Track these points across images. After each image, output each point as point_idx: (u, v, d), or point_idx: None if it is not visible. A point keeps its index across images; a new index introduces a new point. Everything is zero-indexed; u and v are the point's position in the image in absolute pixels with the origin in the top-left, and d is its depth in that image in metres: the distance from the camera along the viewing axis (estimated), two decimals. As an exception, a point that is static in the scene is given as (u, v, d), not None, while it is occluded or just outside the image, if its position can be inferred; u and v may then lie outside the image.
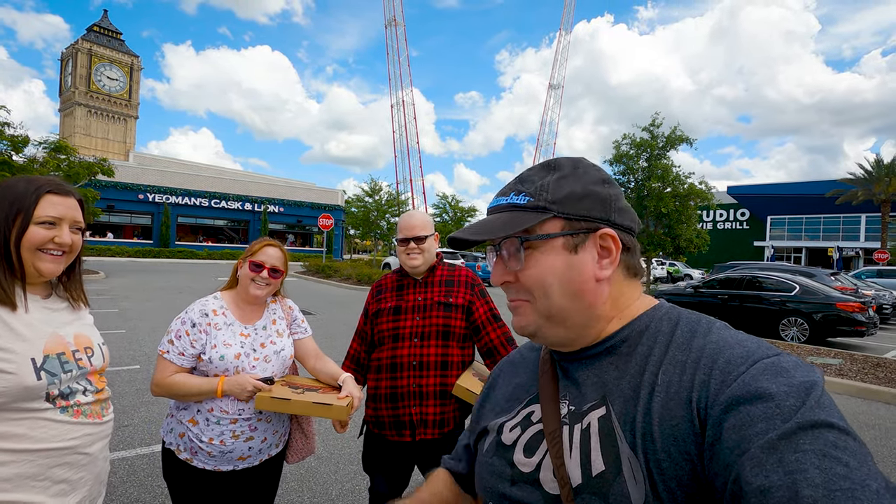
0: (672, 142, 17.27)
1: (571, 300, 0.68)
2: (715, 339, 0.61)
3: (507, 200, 0.71)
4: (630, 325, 0.69)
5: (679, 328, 0.65)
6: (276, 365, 1.82)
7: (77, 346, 1.26)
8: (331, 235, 37.02)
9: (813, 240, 40.43)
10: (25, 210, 1.17)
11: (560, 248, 0.68)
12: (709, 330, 0.63)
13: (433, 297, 2.04)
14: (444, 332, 2.01)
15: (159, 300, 11.91)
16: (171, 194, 35.25)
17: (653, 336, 0.66)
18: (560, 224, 0.68)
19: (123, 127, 65.32)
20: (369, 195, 36.31)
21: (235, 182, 39.73)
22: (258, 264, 1.80)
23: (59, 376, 1.17)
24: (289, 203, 40.94)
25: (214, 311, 1.78)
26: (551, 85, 51.36)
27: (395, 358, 2.01)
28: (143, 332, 8.00)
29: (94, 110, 62.00)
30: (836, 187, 32.65)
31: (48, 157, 17.53)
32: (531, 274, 0.68)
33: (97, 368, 1.31)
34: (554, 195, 0.68)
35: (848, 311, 9.36)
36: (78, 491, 1.20)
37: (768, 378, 0.52)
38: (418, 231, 2.03)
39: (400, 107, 45.95)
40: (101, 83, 62.55)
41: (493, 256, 0.73)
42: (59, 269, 1.23)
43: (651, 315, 0.69)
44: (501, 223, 0.69)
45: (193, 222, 37.88)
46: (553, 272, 0.67)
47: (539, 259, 0.68)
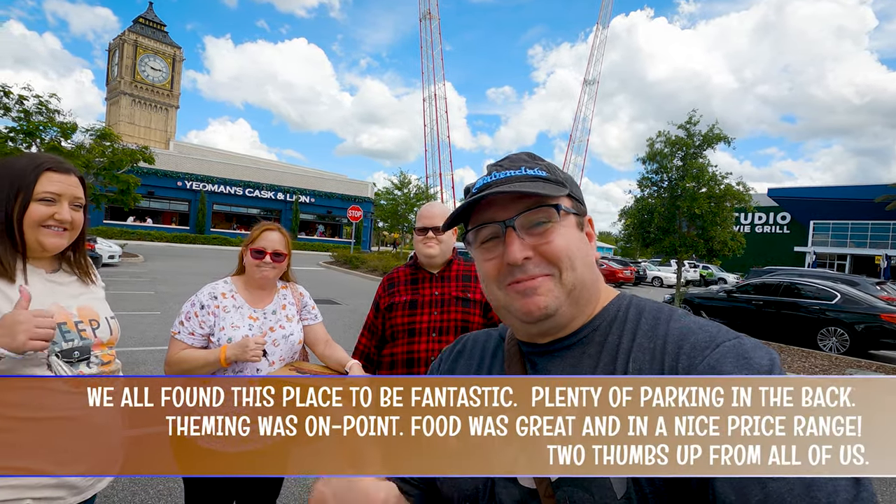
0: (709, 140, 16.68)
1: (591, 272, 0.69)
2: (678, 325, 0.63)
3: (527, 172, 0.69)
4: (601, 315, 0.70)
5: (643, 316, 0.66)
6: (284, 349, 1.84)
7: (81, 317, 1.29)
8: (359, 227, 37.52)
9: (859, 247, 38.44)
10: (26, 187, 1.20)
11: (574, 225, 0.70)
12: (670, 317, 0.65)
13: (451, 292, 2.03)
14: (462, 328, 1.99)
15: (193, 284, 12.24)
16: (208, 182, 36.36)
17: (620, 325, 0.67)
18: (570, 203, 0.70)
19: (165, 116, 67.72)
20: (398, 188, 36.54)
21: (269, 172, 40.71)
22: (259, 250, 1.82)
23: (59, 344, 1.20)
24: (319, 194, 41.63)
25: (223, 294, 1.81)
26: (586, 81, 50.45)
27: (411, 353, 2.00)
28: (170, 317, 8.27)
29: (137, 100, 64.46)
30: (886, 192, 30.97)
31: (94, 143, 18.34)
32: (559, 245, 0.66)
33: (103, 341, 1.33)
34: (562, 175, 0.71)
35: (894, 322, 8.89)
36: (81, 461, 1.20)
37: (731, 361, 0.56)
38: (437, 221, 2.02)
39: (432, 100, 46.02)
40: (146, 73, 64.93)
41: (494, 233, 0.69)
42: (62, 243, 1.26)
43: (617, 304, 0.71)
44: (542, 187, 0.67)
45: (228, 210, 38.99)
46: (576, 244, 0.68)
47: (562, 231, 0.67)
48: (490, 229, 0.69)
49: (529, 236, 0.67)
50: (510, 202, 0.68)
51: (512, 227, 0.67)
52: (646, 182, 16.80)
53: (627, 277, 26.42)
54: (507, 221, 0.67)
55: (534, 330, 0.70)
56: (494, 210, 0.69)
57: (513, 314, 0.70)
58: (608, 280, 20.31)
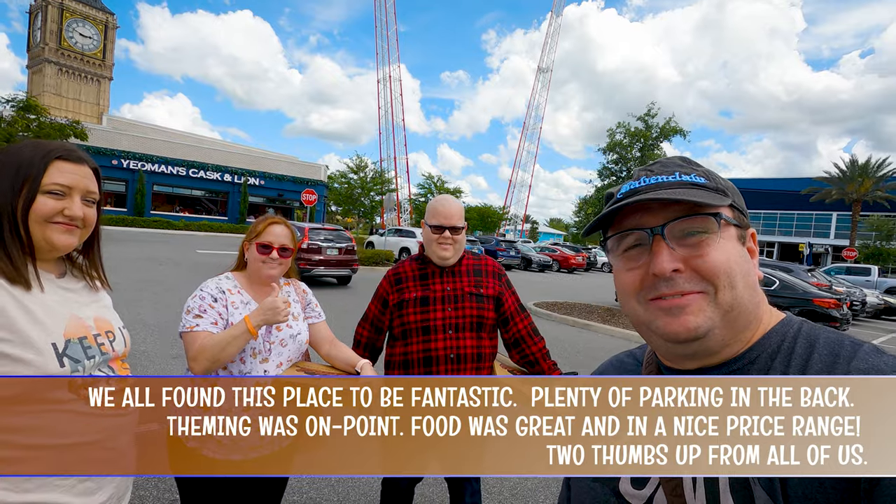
0: (666, 133, 17.40)
1: (751, 294, 0.61)
2: (863, 367, 0.54)
3: (682, 178, 0.62)
4: (760, 343, 0.61)
5: (816, 350, 0.58)
6: (293, 349, 1.75)
7: (98, 329, 1.15)
8: (313, 211, 36.47)
9: (785, 235, 41.61)
10: (33, 178, 1.04)
11: (735, 238, 0.62)
12: (853, 355, 0.55)
13: (464, 288, 1.97)
14: (477, 324, 1.95)
15: (137, 272, 11.56)
16: (147, 161, 34.05)
17: (786, 357, 0.59)
18: (731, 213, 0.62)
19: (97, 88, 62.51)
20: (354, 172, 35.78)
21: (214, 152, 38.59)
22: (266, 245, 1.72)
23: (82, 363, 1.06)
24: (270, 176, 39.98)
25: (230, 290, 1.71)
26: (540, 68, 50.95)
27: (428, 351, 1.93)
28: (121, 304, 7.69)
29: (65, 69, 59.07)
30: (811, 185, 33.50)
31: (17, 115, 16.73)
32: (717, 259, 0.59)
33: (119, 354, 1.20)
34: (722, 182, 0.63)
35: (825, 307, 9.60)
36: (105, 489, 1.10)
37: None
38: (456, 221, 1.94)
39: (386, 82, 45.08)
40: (74, 40, 59.49)
41: (639, 240, 0.63)
42: (73, 241, 1.11)
43: (782, 332, 0.62)
44: (699, 194, 0.60)
45: (170, 191, 36.73)
46: (738, 260, 0.60)
47: (722, 245, 0.60)
48: (635, 236, 0.63)
49: (681, 247, 0.60)
50: (661, 209, 0.61)
51: (661, 234, 0.60)
52: (606, 172, 17.37)
53: (580, 263, 27.29)
54: (654, 228, 0.61)
55: (680, 351, 0.63)
56: (642, 216, 0.63)
57: (655, 333, 0.63)
58: (562, 265, 20.76)
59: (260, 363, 1.66)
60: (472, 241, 23.37)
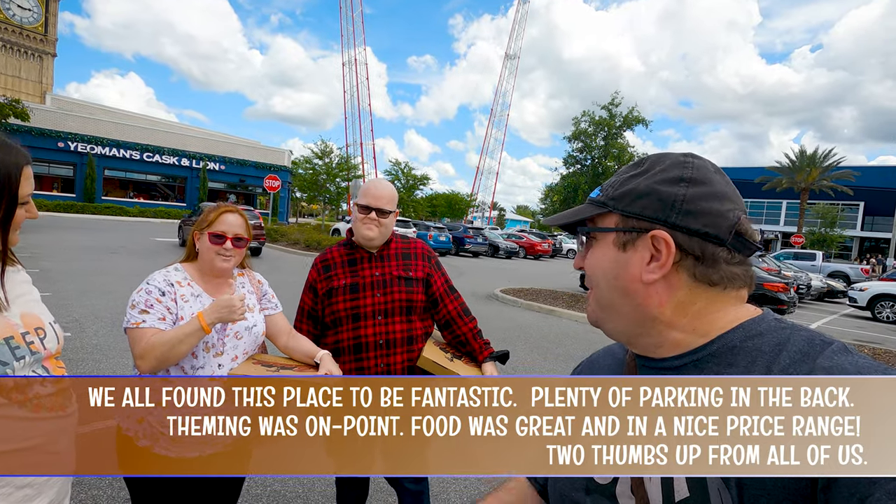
0: (629, 122, 17.77)
1: (620, 296, 0.68)
2: (826, 365, 0.55)
3: (593, 194, 0.75)
4: (718, 341, 0.64)
5: (786, 349, 0.59)
6: (248, 342, 1.69)
7: (27, 327, 1.08)
8: (276, 197, 35.53)
9: (739, 222, 43.52)
10: (10, 193, 1.04)
11: (611, 244, 0.69)
12: (820, 352, 0.57)
13: (392, 272, 1.96)
14: (407, 308, 1.95)
15: (88, 261, 10.99)
16: (97, 144, 32.22)
17: (750, 355, 0.61)
18: (615, 220, 0.69)
19: (39, 65, 58.39)
20: (319, 157, 34.94)
21: (171, 135, 36.85)
22: (219, 235, 1.64)
23: (10, 365, 0.99)
24: (230, 161, 38.59)
25: (179, 283, 1.61)
26: (507, 55, 50.93)
27: (358, 338, 1.92)
28: (72, 296, 7.38)
29: (3, 43, 54.87)
30: (763, 174, 35.09)
31: (-53, 93, 15.45)
32: (589, 264, 0.72)
33: (52, 352, 1.12)
34: (616, 191, 0.69)
35: (774, 290, 10.17)
36: (44, 495, 1.04)
37: None
38: (384, 203, 1.91)
39: (352, 65, 44.13)
40: (11, 12, 55.14)
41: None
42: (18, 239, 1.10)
43: (746, 331, 0.63)
44: (571, 213, 0.74)
45: (123, 176, 34.99)
46: (600, 265, 0.70)
47: (594, 251, 0.71)
48: None
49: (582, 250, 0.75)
50: None
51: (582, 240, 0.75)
52: (571, 160, 17.62)
53: (545, 250, 27.78)
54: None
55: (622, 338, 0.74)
56: None
57: None
58: (529, 252, 21.05)
59: (214, 357, 1.59)
60: (440, 229, 23.30)
